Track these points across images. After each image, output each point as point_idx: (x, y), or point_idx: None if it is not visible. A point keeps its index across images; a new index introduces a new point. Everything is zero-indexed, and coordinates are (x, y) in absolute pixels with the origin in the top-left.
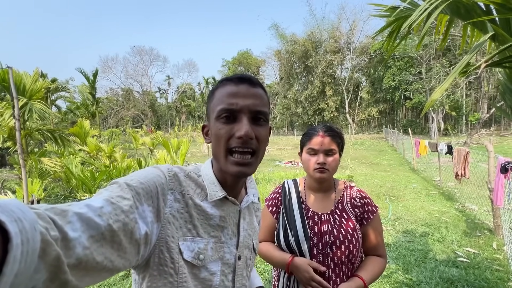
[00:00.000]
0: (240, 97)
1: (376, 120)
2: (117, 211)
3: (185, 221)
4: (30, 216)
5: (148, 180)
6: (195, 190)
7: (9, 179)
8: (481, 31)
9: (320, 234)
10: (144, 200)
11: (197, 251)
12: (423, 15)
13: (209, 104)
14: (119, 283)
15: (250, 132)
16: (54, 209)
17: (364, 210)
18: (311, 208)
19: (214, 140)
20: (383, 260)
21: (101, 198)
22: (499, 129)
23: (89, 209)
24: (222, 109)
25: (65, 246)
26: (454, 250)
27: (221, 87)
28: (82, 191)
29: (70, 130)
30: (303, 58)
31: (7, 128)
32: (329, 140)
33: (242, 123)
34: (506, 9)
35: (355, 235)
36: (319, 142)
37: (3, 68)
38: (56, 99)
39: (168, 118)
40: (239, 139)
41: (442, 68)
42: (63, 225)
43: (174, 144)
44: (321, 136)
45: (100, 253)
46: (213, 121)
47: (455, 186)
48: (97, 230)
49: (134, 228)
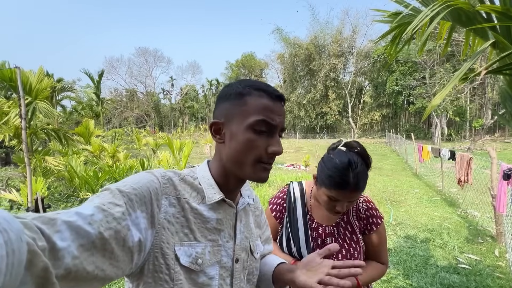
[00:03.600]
0: (277, 114)
1: (378, 124)
2: (109, 218)
3: (181, 225)
4: (16, 226)
5: (141, 185)
6: (191, 194)
7: (13, 177)
8: (482, 38)
9: (323, 247)
10: (137, 206)
11: (195, 255)
12: (424, 20)
13: (234, 105)
14: (119, 281)
15: (282, 149)
16: (42, 218)
17: (368, 222)
18: (315, 220)
19: (241, 147)
20: (383, 267)
21: (92, 206)
22: (504, 136)
23: (79, 217)
24: (262, 121)
25: (54, 256)
26: (455, 256)
27: (257, 96)
28: (85, 190)
29: (75, 130)
30: (306, 62)
31: (13, 127)
32: (357, 194)
33: (277, 140)
34: (507, 17)
35: (358, 248)
36: (348, 197)
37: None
38: (61, 99)
39: (171, 119)
40: (272, 154)
41: (446, 73)
42: (51, 234)
43: (177, 145)
44: (352, 192)
45: (90, 262)
46: (243, 128)
47: (458, 192)
48: (87, 238)
49: (126, 235)
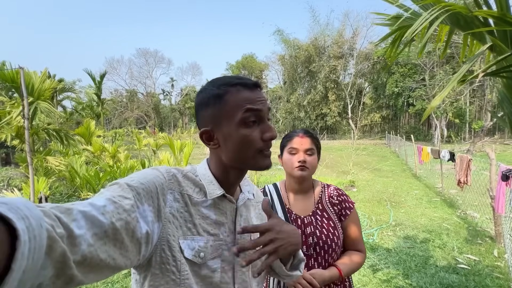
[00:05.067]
0: (259, 100)
1: (378, 126)
2: (119, 210)
3: (185, 220)
4: (37, 213)
5: (148, 180)
6: (194, 189)
7: (14, 177)
8: (480, 41)
9: (304, 237)
10: (145, 200)
11: (198, 249)
12: (424, 24)
13: (215, 109)
14: (122, 280)
15: (276, 133)
16: (59, 208)
17: (342, 206)
18: (293, 211)
19: (238, 145)
20: (362, 255)
21: (103, 197)
22: (503, 137)
23: (92, 208)
24: (248, 111)
25: (71, 243)
26: (454, 256)
27: (235, 92)
28: (86, 190)
29: (76, 130)
30: (307, 63)
31: (15, 127)
32: (308, 140)
33: (268, 126)
34: (503, 22)
35: (336, 233)
36: (300, 142)
37: (13, 68)
38: (62, 99)
39: (171, 120)
40: (270, 140)
41: (445, 75)
42: (68, 222)
43: (177, 145)
44: (301, 136)
45: (103, 251)
46: (234, 126)
47: (457, 193)
48: (101, 228)
49: (135, 227)
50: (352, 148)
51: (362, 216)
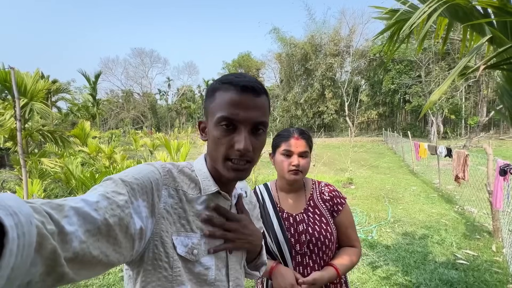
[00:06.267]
0: (242, 108)
1: (375, 123)
2: (113, 205)
3: (178, 216)
4: (26, 210)
5: (143, 176)
6: (189, 185)
7: (8, 180)
8: (479, 33)
9: (297, 235)
10: (139, 196)
11: (191, 246)
12: (422, 17)
13: (208, 102)
14: (118, 283)
15: (249, 146)
16: (50, 204)
17: (333, 202)
18: (285, 210)
19: (212, 143)
20: (358, 250)
21: (96, 193)
22: (498, 133)
23: (85, 204)
24: (222, 117)
25: (62, 240)
26: (453, 252)
27: (223, 90)
28: (82, 191)
29: (71, 132)
30: (303, 61)
31: (8, 129)
32: (303, 143)
33: (242, 136)
34: (504, 12)
35: (329, 229)
36: (295, 144)
37: (5, 68)
38: (57, 100)
39: (168, 120)
40: (238, 152)
41: (441, 71)
42: (59, 219)
43: (174, 146)
44: (296, 138)
45: (96, 247)
46: (212, 124)
47: (455, 189)
48: (94, 224)
49: (129, 223)
50: (350, 146)
51: (361, 213)
